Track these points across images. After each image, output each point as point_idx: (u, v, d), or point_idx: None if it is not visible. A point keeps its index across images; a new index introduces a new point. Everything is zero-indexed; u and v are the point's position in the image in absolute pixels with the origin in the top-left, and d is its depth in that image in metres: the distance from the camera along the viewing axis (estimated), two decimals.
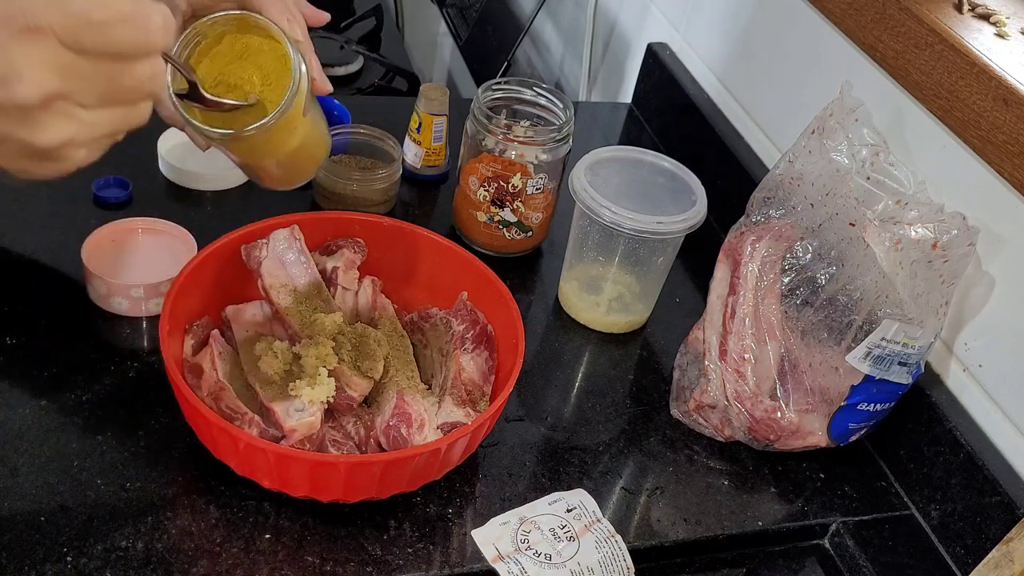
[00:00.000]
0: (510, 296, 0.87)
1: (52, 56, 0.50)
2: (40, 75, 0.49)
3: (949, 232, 0.81)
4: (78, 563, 0.71)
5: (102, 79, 0.52)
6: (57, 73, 0.50)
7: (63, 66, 0.50)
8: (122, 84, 0.53)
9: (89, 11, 0.50)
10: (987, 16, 0.90)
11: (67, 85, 0.51)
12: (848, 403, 0.88)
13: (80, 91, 0.52)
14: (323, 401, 0.79)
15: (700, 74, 1.29)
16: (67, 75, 0.50)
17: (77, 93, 0.52)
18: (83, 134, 0.53)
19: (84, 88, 0.52)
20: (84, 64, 0.51)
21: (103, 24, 0.50)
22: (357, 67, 1.72)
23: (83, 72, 0.51)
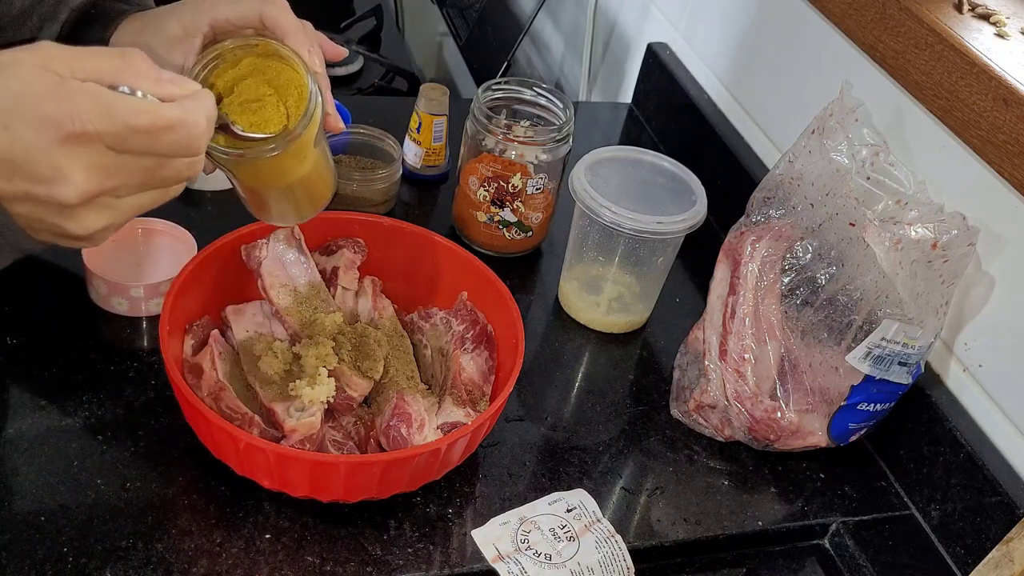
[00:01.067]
0: (510, 296, 0.87)
1: (96, 159, 0.51)
2: (83, 177, 0.51)
3: (949, 232, 0.81)
4: (78, 563, 0.71)
5: (142, 173, 0.53)
6: (100, 174, 0.51)
7: (106, 167, 0.51)
8: (162, 175, 0.55)
9: (135, 118, 0.51)
10: (987, 16, 0.90)
11: (108, 183, 0.52)
12: (848, 403, 0.88)
13: (120, 186, 0.53)
14: (323, 401, 0.79)
15: (700, 74, 1.29)
16: (109, 175, 0.52)
17: (116, 189, 0.53)
18: (117, 220, 0.55)
19: (124, 183, 0.53)
20: (127, 162, 0.52)
21: (148, 131, 0.52)
22: (357, 67, 1.72)
23: (125, 170, 0.52)
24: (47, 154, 0.50)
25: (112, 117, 0.50)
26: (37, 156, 0.50)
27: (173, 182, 0.56)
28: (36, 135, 0.49)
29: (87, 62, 0.52)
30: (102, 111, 0.50)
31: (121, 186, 0.53)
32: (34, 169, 0.50)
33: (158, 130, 0.52)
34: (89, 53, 0.52)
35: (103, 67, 0.52)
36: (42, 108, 0.49)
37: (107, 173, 0.52)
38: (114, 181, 0.52)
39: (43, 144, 0.49)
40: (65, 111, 0.49)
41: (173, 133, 0.52)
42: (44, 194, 0.51)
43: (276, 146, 0.67)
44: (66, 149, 0.50)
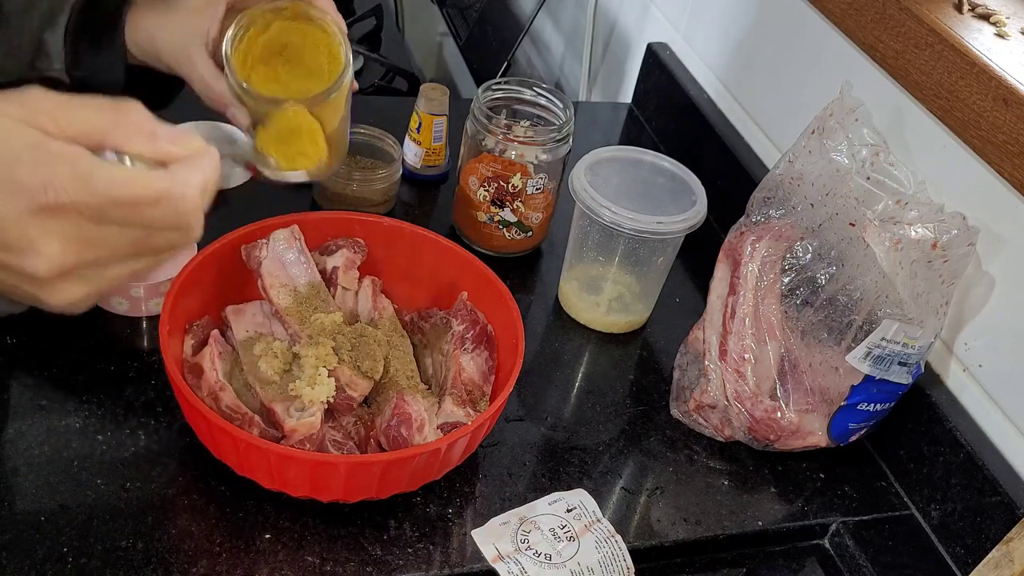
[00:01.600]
0: (510, 296, 0.87)
1: (73, 230, 0.46)
2: (57, 250, 0.46)
3: (949, 232, 0.81)
4: (78, 563, 0.71)
5: (127, 245, 0.49)
6: (76, 246, 0.47)
7: (85, 239, 0.47)
8: (150, 245, 0.50)
9: (116, 189, 0.46)
10: (987, 16, 0.90)
11: (86, 255, 0.48)
12: (848, 403, 0.88)
13: (100, 258, 0.48)
14: (323, 401, 0.79)
15: (700, 74, 1.29)
16: (88, 247, 0.47)
17: (96, 261, 0.48)
18: (100, 288, 0.50)
19: (106, 255, 0.49)
20: (109, 233, 0.48)
21: (132, 204, 0.47)
22: (357, 67, 1.72)
23: (107, 242, 0.48)
24: (18, 223, 0.45)
25: (91, 188, 0.46)
26: (7, 225, 0.45)
27: (163, 252, 0.51)
28: (8, 202, 0.45)
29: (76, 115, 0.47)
30: (80, 181, 0.45)
31: (102, 258, 0.48)
32: (4, 238, 0.46)
33: (143, 204, 0.47)
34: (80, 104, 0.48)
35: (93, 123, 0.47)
36: (16, 172, 0.45)
37: (85, 245, 0.47)
38: (93, 253, 0.48)
39: (14, 213, 0.45)
40: (39, 179, 0.45)
41: (159, 207, 0.47)
42: (15, 264, 0.46)
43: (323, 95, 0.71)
44: (39, 220, 0.45)
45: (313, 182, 1.09)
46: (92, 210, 0.46)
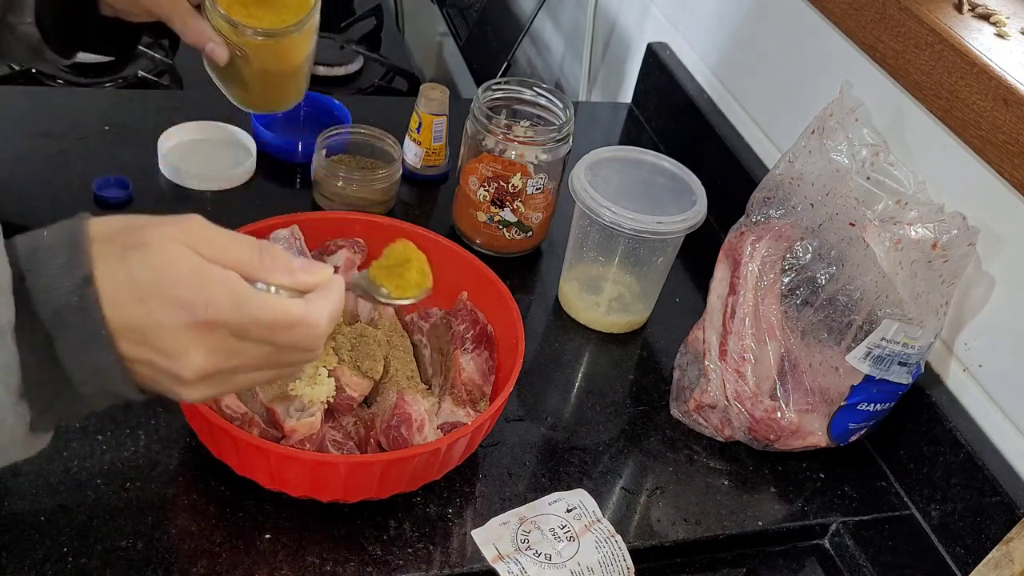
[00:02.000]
0: (510, 296, 0.87)
1: (219, 344, 0.53)
2: (203, 359, 0.53)
3: (949, 232, 0.81)
4: (78, 563, 0.71)
5: (260, 358, 0.56)
6: (219, 356, 0.54)
7: (227, 351, 0.54)
8: (278, 361, 0.57)
9: (263, 312, 0.53)
10: (987, 16, 0.90)
11: (225, 364, 0.54)
12: (848, 403, 0.88)
13: (236, 367, 0.55)
14: (323, 401, 0.79)
15: (700, 74, 1.29)
16: (228, 358, 0.54)
17: (233, 369, 0.55)
18: (226, 391, 0.58)
19: (240, 365, 0.55)
20: (247, 348, 0.55)
21: (271, 326, 0.54)
22: (357, 67, 1.72)
23: (244, 355, 0.55)
24: (175, 334, 0.52)
25: (242, 310, 0.53)
26: (165, 334, 0.52)
27: (288, 367, 0.59)
28: (169, 315, 0.51)
29: (229, 248, 0.54)
30: (235, 303, 0.53)
31: (237, 368, 0.55)
32: (160, 344, 0.52)
33: (281, 326, 0.54)
34: (231, 239, 0.54)
35: (243, 256, 0.54)
36: (180, 291, 0.51)
37: (226, 357, 0.54)
38: (232, 363, 0.55)
39: (174, 324, 0.52)
40: (202, 299, 0.52)
41: (294, 331, 0.55)
42: (165, 366, 0.53)
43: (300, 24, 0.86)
44: (193, 332, 0.52)
45: (313, 182, 1.09)
46: (239, 328, 0.53)
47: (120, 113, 1.16)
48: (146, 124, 1.14)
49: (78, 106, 1.17)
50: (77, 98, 1.21)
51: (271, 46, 0.88)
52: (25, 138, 1.09)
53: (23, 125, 1.11)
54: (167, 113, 1.15)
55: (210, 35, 0.87)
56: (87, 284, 0.50)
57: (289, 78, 0.93)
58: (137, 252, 0.51)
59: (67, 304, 0.50)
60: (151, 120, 1.14)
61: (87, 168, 1.07)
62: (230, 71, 0.90)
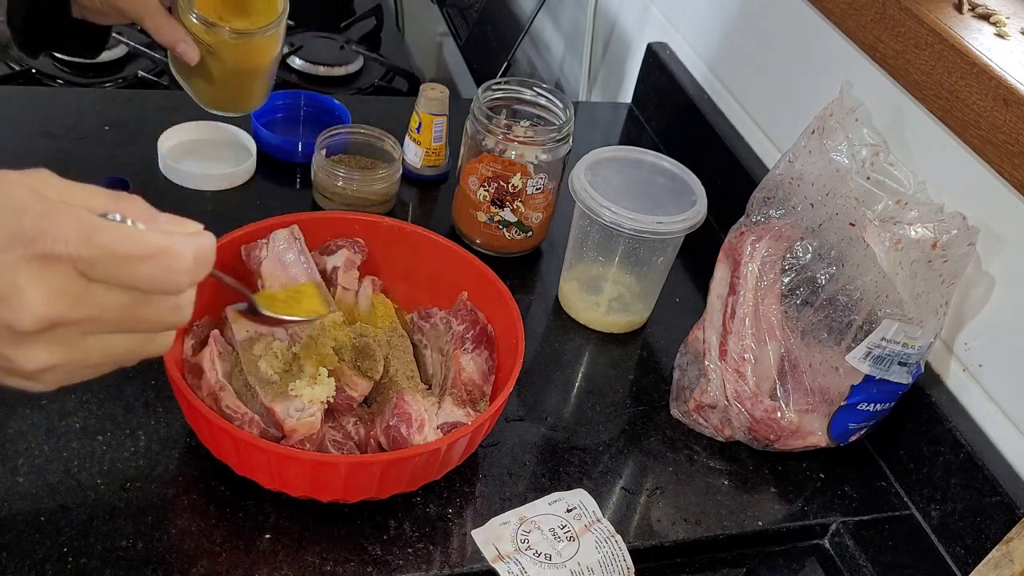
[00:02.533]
0: (510, 296, 0.87)
1: (63, 283, 0.46)
2: (43, 301, 0.45)
3: (949, 232, 0.81)
4: (78, 563, 0.71)
5: (115, 310, 0.48)
6: (64, 301, 0.46)
7: (73, 294, 0.46)
8: (138, 316, 0.49)
9: (115, 244, 0.46)
10: (987, 16, 0.90)
11: (71, 313, 0.47)
12: (848, 403, 0.88)
13: (85, 320, 0.47)
14: (323, 401, 0.79)
15: (700, 74, 1.29)
16: (75, 304, 0.46)
17: (81, 322, 0.47)
18: (76, 360, 0.49)
19: (91, 316, 0.48)
20: (97, 293, 0.47)
21: (124, 258, 0.46)
22: (357, 67, 1.72)
23: (94, 302, 0.47)
24: (10, 271, 0.45)
25: (90, 240, 0.45)
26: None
27: (151, 327, 0.50)
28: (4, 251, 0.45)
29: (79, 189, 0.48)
30: (82, 234, 0.45)
31: (86, 320, 0.47)
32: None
33: (137, 258, 0.46)
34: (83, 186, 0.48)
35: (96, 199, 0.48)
36: (18, 222, 0.45)
37: (73, 302, 0.46)
38: (80, 312, 0.47)
39: (9, 261, 0.45)
40: (41, 228, 0.45)
41: (152, 264, 0.47)
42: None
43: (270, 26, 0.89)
44: (31, 268, 0.45)
45: (313, 181, 1.09)
46: (86, 263, 0.46)
47: (120, 113, 1.16)
48: (146, 124, 1.14)
49: (78, 106, 1.17)
50: (77, 98, 1.21)
51: (242, 47, 0.91)
52: (25, 138, 1.09)
53: (23, 125, 1.11)
54: (167, 113, 1.15)
55: (182, 35, 0.89)
56: None
57: (255, 80, 0.96)
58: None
59: None
60: (151, 120, 1.14)
61: (87, 168, 1.07)
62: (198, 71, 0.92)
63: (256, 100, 1.00)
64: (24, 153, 1.07)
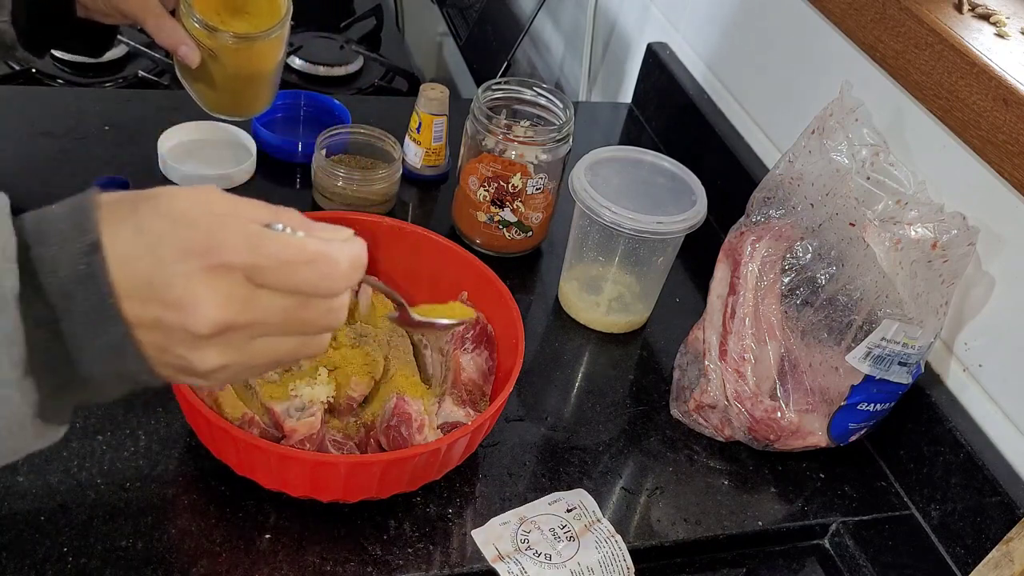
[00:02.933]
0: (510, 296, 0.87)
1: (233, 290, 0.50)
2: (217, 308, 0.49)
3: (949, 232, 0.81)
4: (78, 563, 0.71)
5: (279, 312, 0.52)
6: (235, 306, 0.50)
7: (242, 299, 0.50)
8: (298, 318, 0.53)
9: (280, 253, 0.50)
10: (987, 16, 0.90)
11: (241, 317, 0.50)
12: (848, 403, 0.88)
13: (253, 324, 0.51)
14: (323, 401, 0.79)
15: (700, 74, 1.29)
16: (244, 309, 0.50)
17: (249, 326, 0.51)
18: (244, 361, 0.53)
19: (258, 321, 0.51)
20: (263, 297, 0.51)
21: (288, 264, 0.51)
22: (357, 67, 1.72)
23: (261, 305, 0.51)
24: (185, 281, 0.49)
25: (258, 250, 0.50)
26: (176, 282, 0.49)
27: (310, 330, 0.54)
28: (178, 260, 0.49)
29: (244, 203, 0.52)
30: (251, 243, 0.50)
31: (255, 323, 0.51)
32: (171, 295, 0.49)
33: (299, 263, 0.51)
34: (247, 200, 0.53)
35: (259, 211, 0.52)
36: (191, 234, 0.49)
37: (242, 306, 0.50)
38: (248, 316, 0.51)
39: (185, 271, 0.49)
40: (215, 241, 0.49)
41: (313, 268, 0.51)
42: (176, 321, 0.49)
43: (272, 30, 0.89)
44: (207, 278, 0.49)
45: (313, 181, 1.09)
46: (254, 271, 0.50)
47: (120, 113, 1.16)
48: (146, 124, 1.14)
49: (78, 106, 1.17)
50: (77, 98, 1.21)
51: (243, 51, 0.90)
52: (25, 138, 1.09)
53: (23, 125, 1.11)
54: (167, 113, 1.15)
55: (183, 38, 0.88)
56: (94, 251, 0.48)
57: (258, 84, 0.96)
58: (147, 204, 0.49)
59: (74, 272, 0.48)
60: (151, 120, 1.14)
61: (87, 168, 1.07)
62: (201, 75, 0.92)
63: (259, 105, 0.99)
64: (24, 153, 1.07)
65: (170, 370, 0.52)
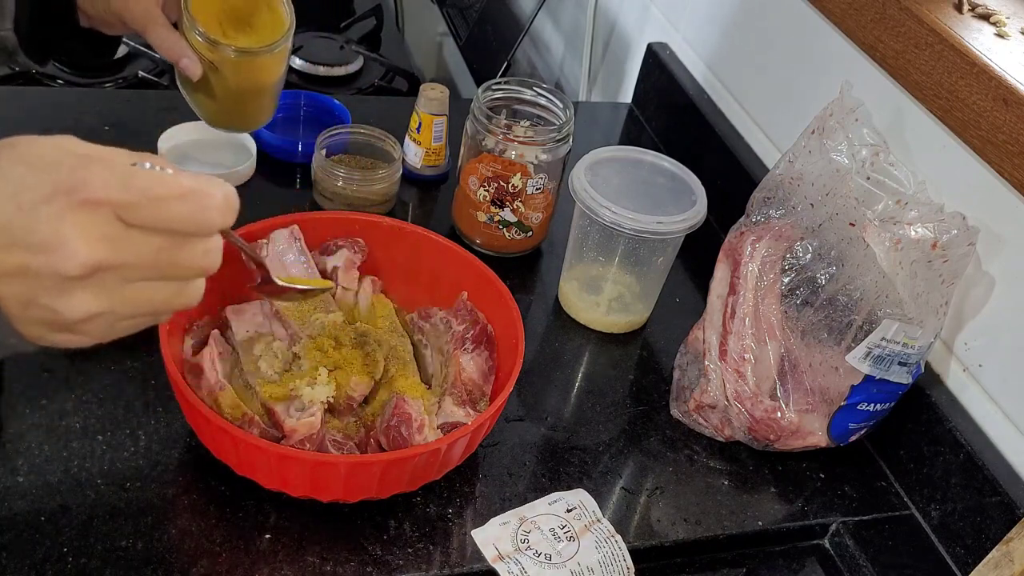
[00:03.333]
0: (510, 296, 0.87)
1: (103, 229, 0.48)
2: (86, 246, 0.48)
3: (949, 232, 0.81)
4: (78, 563, 0.71)
5: (151, 253, 0.50)
6: (105, 245, 0.48)
7: (113, 238, 0.49)
8: (172, 259, 0.51)
9: (151, 187, 0.49)
10: (987, 16, 0.90)
11: (113, 257, 0.49)
12: (848, 403, 0.88)
13: (125, 265, 0.50)
14: (323, 401, 0.79)
15: (700, 74, 1.29)
16: (116, 248, 0.49)
17: (122, 267, 0.50)
18: (117, 309, 0.51)
19: (130, 262, 0.50)
20: (135, 237, 0.49)
21: (160, 199, 0.49)
22: (357, 67, 1.72)
23: (133, 245, 0.49)
24: (53, 221, 0.47)
25: (128, 185, 0.48)
26: (41, 224, 0.47)
27: (185, 273, 0.52)
28: (45, 204, 0.47)
29: (104, 148, 0.50)
30: (119, 179, 0.48)
31: (127, 265, 0.49)
32: (36, 238, 0.47)
33: (172, 198, 0.49)
34: (107, 147, 0.51)
35: (121, 154, 0.51)
36: (55, 178, 0.47)
37: (113, 247, 0.48)
38: (120, 256, 0.49)
39: (50, 212, 0.47)
40: (79, 178, 0.47)
41: (185, 202, 0.50)
42: (43, 265, 0.47)
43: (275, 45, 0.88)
44: (74, 216, 0.47)
45: (312, 181, 1.09)
46: (125, 208, 0.48)
47: (120, 113, 1.16)
48: (146, 124, 1.14)
49: (78, 106, 1.17)
50: (77, 98, 1.21)
51: (245, 64, 0.89)
52: None
53: (23, 125, 1.11)
54: (167, 113, 1.15)
55: (184, 50, 0.88)
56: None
57: (259, 98, 0.95)
58: (4, 151, 0.48)
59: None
60: (151, 120, 1.14)
61: None
62: (202, 88, 0.91)
63: (260, 119, 0.98)
64: None
65: (37, 326, 0.50)
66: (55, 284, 0.48)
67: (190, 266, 0.52)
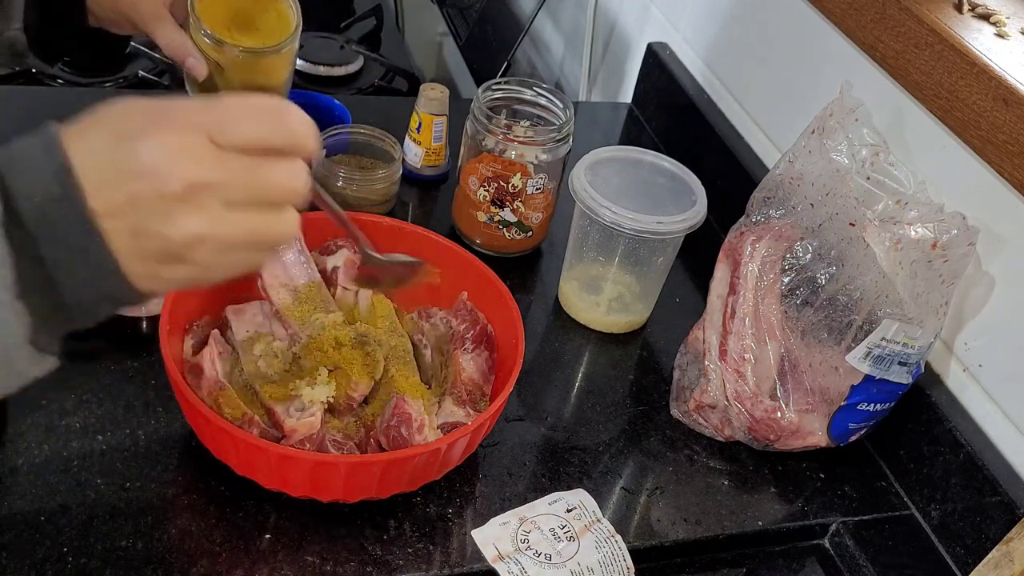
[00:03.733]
0: (510, 296, 0.87)
1: (198, 150, 0.52)
2: (185, 164, 0.52)
3: (949, 232, 0.81)
4: (78, 562, 0.71)
5: (244, 171, 0.54)
6: (202, 164, 0.52)
7: (207, 159, 0.52)
8: (264, 178, 0.54)
9: (236, 108, 0.54)
10: (987, 16, 0.90)
11: (209, 175, 0.52)
12: (848, 403, 0.88)
13: (221, 183, 0.53)
14: (323, 401, 0.79)
15: (700, 74, 1.29)
16: (212, 167, 0.52)
17: (219, 186, 0.53)
18: (219, 232, 0.53)
19: (226, 180, 0.53)
20: (227, 157, 0.53)
21: (243, 117, 0.54)
22: (357, 67, 1.72)
23: (225, 164, 0.53)
24: (152, 148, 0.51)
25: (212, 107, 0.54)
26: (142, 153, 0.51)
27: (275, 193, 0.56)
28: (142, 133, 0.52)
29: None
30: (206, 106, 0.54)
31: (222, 183, 0.53)
32: (137, 163, 0.51)
33: (256, 112, 0.54)
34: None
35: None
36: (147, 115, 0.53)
37: (208, 165, 0.52)
38: (215, 174, 0.52)
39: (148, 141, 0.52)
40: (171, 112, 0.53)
41: (269, 117, 0.55)
42: (146, 188, 0.51)
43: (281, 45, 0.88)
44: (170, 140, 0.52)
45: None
46: (216, 128, 0.52)
47: None
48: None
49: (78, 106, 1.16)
50: (77, 98, 1.21)
51: (251, 65, 0.90)
52: None
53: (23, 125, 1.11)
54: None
55: (191, 50, 0.88)
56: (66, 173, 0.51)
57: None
58: (101, 111, 0.54)
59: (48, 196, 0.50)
60: None
61: None
62: (209, 88, 0.91)
63: None
64: None
65: (147, 262, 0.53)
66: (160, 208, 0.51)
67: (279, 185, 0.55)
